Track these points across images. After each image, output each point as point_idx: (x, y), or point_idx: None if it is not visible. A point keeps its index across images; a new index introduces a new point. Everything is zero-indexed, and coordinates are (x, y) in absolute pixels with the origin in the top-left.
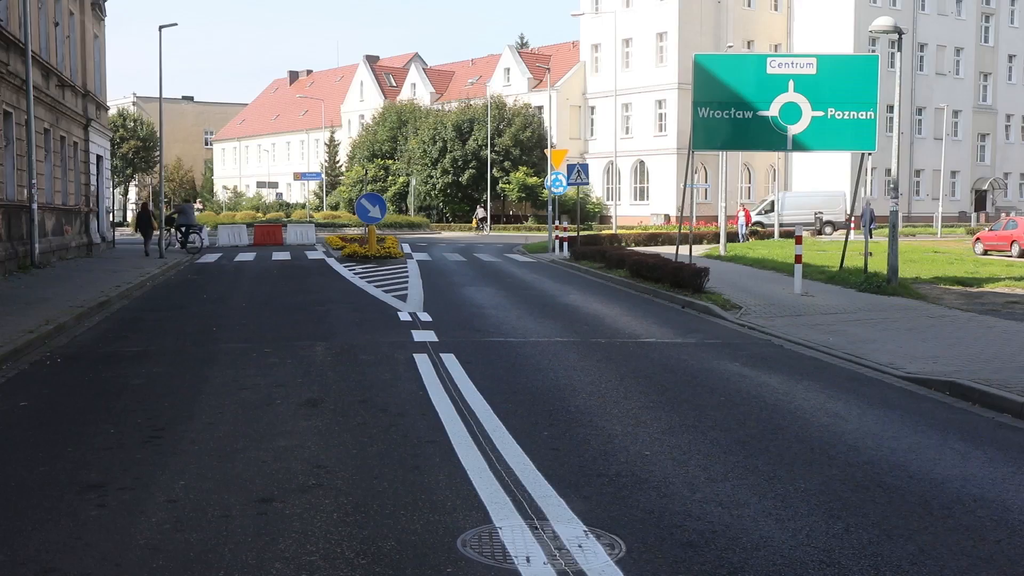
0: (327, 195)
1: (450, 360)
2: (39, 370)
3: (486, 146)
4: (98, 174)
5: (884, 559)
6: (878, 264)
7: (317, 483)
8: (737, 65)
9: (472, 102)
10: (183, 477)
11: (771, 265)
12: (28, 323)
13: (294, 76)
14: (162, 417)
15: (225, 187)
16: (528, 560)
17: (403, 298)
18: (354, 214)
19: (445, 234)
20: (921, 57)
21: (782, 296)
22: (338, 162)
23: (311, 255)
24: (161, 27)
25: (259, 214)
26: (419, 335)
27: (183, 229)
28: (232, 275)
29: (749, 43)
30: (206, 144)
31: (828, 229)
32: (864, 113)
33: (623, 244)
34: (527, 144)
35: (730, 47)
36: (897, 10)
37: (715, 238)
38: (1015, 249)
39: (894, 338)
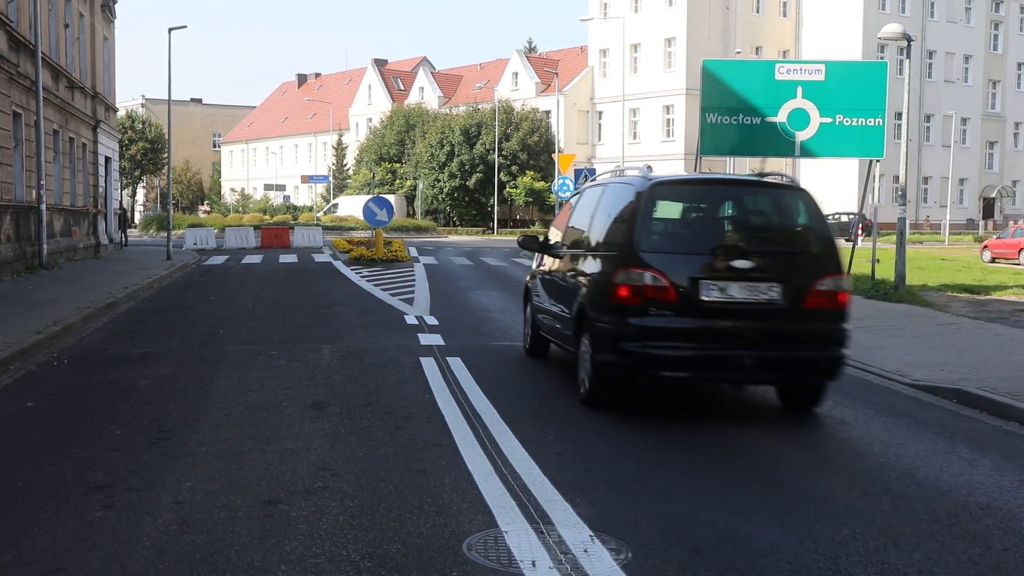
0: (334, 198)
1: (456, 364)
2: (46, 371)
3: (493, 150)
4: (106, 175)
5: (890, 566)
6: (885, 271)
7: (323, 486)
8: (745, 71)
9: (480, 106)
10: (189, 479)
11: None
12: (35, 324)
13: (302, 79)
14: (168, 418)
15: (233, 189)
16: (534, 564)
17: (410, 301)
18: (361, 217)
19: (452, 238)
20: (930, 64)
21: None
22: (345, 165)
23: (318, 258)
24: (170, 29)
25: (266, 217)
26: (425, 338)
27: None
28: (239, 277)
29: (757, 49)
30: (214, 146)
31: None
32: (872, 120)
33: None
34: (534, 148)
35: (738, 53)
36: (906, 17)
37: None
38: (1023, 257)
39: (901, 345)
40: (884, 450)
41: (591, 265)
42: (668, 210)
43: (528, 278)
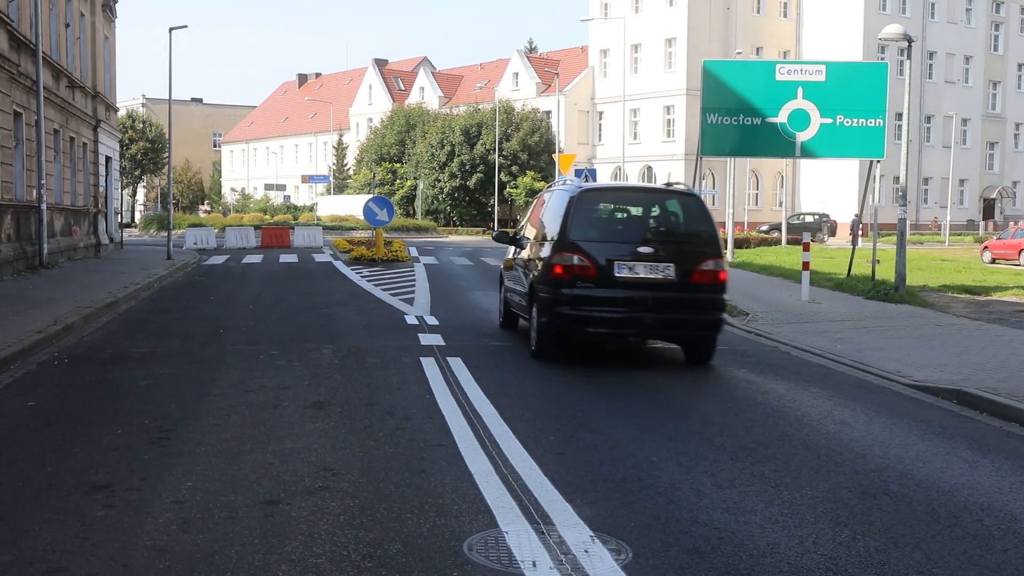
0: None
1: (457, 364)
2: (47, 370)
3: (494, 150)
4: (107, 175)
5: (891, 567)
6: (885, 272)
7: (324, 485)
8: (746, 72)
9: (480, 106)
10: (190, 478)
11: (778, 272)
12: (36, 323)
13: (303, 79)
14: (169, 418)
15: (233, 189)
16: (534, 565)
17: (410, 301)
18: (361, 217)
19: (452, 238)
20: (930, 65)
21: (789, 303)
22: (346, 165)
23: (318, 258)
24: (171, 29)
25: (267, 216)
26: (426, 339)
27: None
28: (239, 277)
29: (758, 50)
30: (214, 146)
31: None
32: (873, 120)
33: None
34: (535, 149)
35: (739, 53)
36: (907, 18)
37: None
38: (1023, 258)
39: (901, 346)
40: (884, 451)
41: (539, 251)
42: (592, 210)
43: (502, 267)
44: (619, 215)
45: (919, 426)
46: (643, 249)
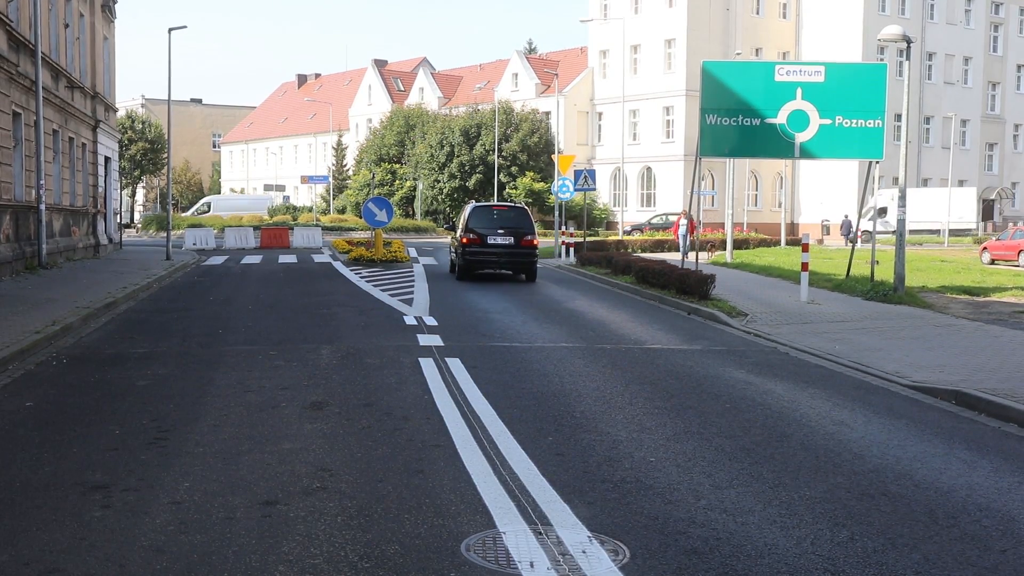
0: (334, 198)
1: (455, 364)
2: (45, 370)
3: (493, 151)
4: (106, 175)
5: (889, 568)
6: (885, 273)
7: (321, 486)
8: (745, 72)
9: (480, 107)
10: (188, 479)
11: (777, 272)
12: (34, 323)
13: (302, 79)
14: (167, 419)
15: (232, 190)
16: (532, 565)
17: (409, 302)
18: (361, 218)
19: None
20: (929, 66)
21: (788, 303)
22: (345, 166)
23: (317, 258)
24: (171, 29)
25: (266, 217)
26: (424, 339)
27: None
28: (238, 277)
29: (757, 50)
30: (214, 147)
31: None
32: (872, 121)
33: (629, 250)
34: (534, 149)
35: (738, 54)
36: (906, 19)
37: (721, 245)
38: (1023, 259)
39: (900, 347)
40: (883, 451)
41: (460, 233)
42: (479, 213)
43: (449, 243)
44: (490, 216)
45: (918, 427)
46: (500, 231)
